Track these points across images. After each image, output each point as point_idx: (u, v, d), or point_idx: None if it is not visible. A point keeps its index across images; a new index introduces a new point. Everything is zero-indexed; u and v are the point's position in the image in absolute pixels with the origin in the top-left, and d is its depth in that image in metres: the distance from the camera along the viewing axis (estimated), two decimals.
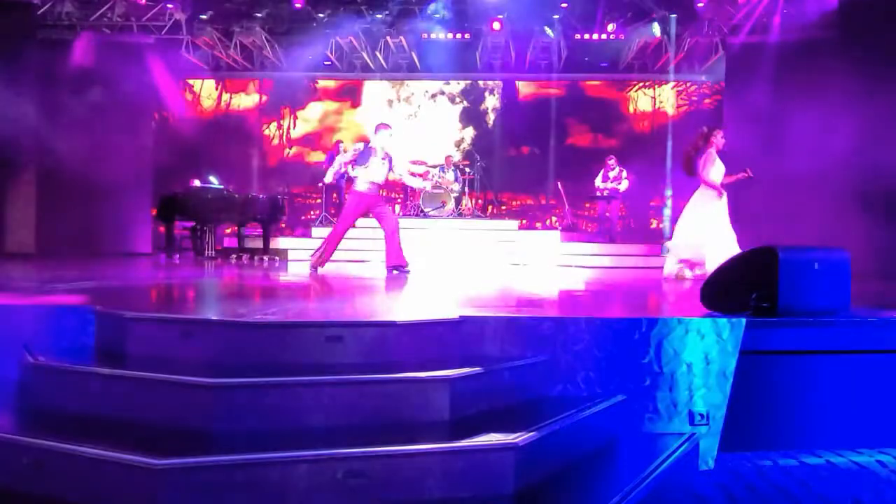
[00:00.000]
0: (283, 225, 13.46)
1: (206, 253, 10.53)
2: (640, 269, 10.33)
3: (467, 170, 13.84)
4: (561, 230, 13.35)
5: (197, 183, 11.35)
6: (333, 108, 16.57)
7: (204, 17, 13.45)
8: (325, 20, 13.99)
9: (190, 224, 11.24)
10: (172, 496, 2.46)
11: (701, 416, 3.69)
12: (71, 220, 11.64)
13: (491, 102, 16.44)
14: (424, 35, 14.55)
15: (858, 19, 10.37)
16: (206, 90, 16.27)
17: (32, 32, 12.18)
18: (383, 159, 7.61)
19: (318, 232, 12.51)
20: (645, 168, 13.31)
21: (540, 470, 2.85)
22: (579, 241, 12.56)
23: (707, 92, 15.43)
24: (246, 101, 16.47)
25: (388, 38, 14.80)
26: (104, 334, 3.66)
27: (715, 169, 7.05)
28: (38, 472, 2.64)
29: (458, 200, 13.05)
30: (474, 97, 16.43)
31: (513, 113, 16.19)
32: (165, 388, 2.98)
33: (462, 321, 3.67)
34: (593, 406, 3.40)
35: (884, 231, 9.52)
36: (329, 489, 2.57)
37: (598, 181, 12.74)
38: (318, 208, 14.23)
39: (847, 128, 9.64)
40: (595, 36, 14.47)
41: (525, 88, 16.34)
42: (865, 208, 9.75)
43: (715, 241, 6.73)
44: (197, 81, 16.07)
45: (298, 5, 13.41)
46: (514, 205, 16.04)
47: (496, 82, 16.35)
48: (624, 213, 14.20)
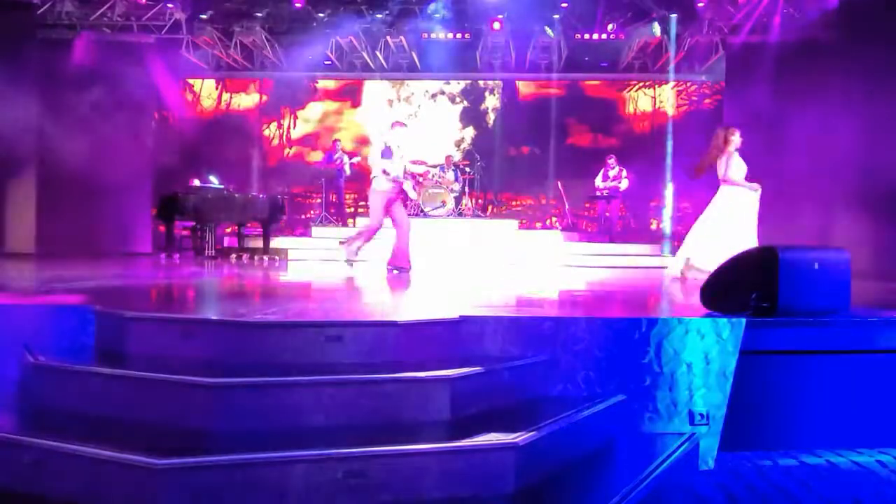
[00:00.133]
0: (283, 225, 13.44)
1: (206, 253, 10.51)
2: (641, 269, 10.33)
3: (467, 169, 13.81)
4: (561, 230, 13.35)
5: (197, 183, 11.35)
6: (333, 107, 16.55)
7: (204, 16, 13.43)
8: (325, 20, 13.97)
9: (190, 224, 11.26)
10: (172, 496, 2.46)
11: (701, 415, 3.69)
12: (71, 219, 11.63)
13: (491, 102, 16.43)
14: (424, 35, 14.54)
15: (858, 19, 10.36)
16: (207, 90, 16.25)
17: (32, 32, 12.16)
18: (401, 157, 7.65)
19: (318, 232, 12.52)
20: (645, 168, 13.29)
21: (540, 470, 2.85)
22: (579, 241, 12.56)
23: (707, 92, 15.41)
24: (246, 100, 16.46)
25: (388, 37, 14.78)
26: (104, 334, 3.66)
27: (738, 168, 7.05)
28: (38, 472, 2.64)
29: (458, 200, 13.05)
30: (474, 97, 16.41)
31: (513, 113, 16.17)
32: (165, 387, 2.99)
33: (462, 321, 3.67)
34: (593, 406, 3.39)
35: (884, 231, 9.52)
36: (329, 489, 2.57)
37: (598, 181, 12.75)
38: (318, 208, 14.22)
39: (847, 128, 9.65)
40: (595, 36, 14.46)
41: (525, 88, 16.32)
42: (865, 208, 9.76)
43: (734, 239, 6.59)
44: (197, 81, 16.05)
45: (298, 5, 13.41)
46: (514, 205, 16.02)
47: (496, 82, 16.32)
48: (624, 212, 14.18)
